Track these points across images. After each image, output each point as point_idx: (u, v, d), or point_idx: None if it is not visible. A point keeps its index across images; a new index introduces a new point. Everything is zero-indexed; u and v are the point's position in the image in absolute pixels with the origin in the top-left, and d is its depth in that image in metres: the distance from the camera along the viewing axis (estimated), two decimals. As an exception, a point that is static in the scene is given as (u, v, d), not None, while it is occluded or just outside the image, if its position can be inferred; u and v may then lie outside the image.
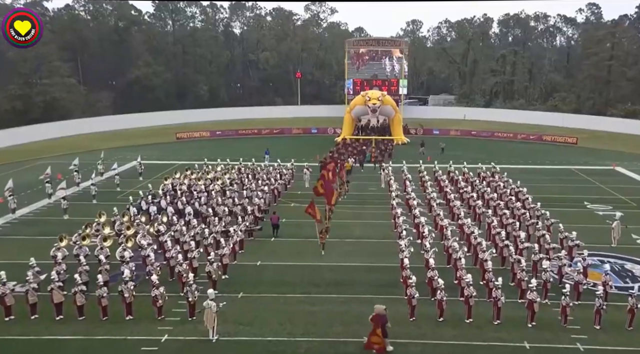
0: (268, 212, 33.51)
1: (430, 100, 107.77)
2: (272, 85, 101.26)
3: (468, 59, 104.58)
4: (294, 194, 39.95)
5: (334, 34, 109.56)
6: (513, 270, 24.31)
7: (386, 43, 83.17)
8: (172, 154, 57.01)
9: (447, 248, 26.52)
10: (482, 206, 33.12)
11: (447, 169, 43.97)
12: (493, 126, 76.79)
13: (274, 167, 43.22)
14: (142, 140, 65.86)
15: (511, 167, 48.15)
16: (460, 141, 67.48)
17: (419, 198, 35.61)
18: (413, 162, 50.57)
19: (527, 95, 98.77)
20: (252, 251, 28.53)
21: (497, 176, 40.53)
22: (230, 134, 69.41)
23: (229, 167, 42.88)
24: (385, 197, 37.61)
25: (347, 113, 65.57)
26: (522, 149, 61.79)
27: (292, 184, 43.05)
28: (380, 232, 31.83)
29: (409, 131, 71.34)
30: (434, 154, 55.49)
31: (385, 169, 43.10)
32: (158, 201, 33.27)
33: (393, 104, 64.30)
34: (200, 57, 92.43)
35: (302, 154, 56.65)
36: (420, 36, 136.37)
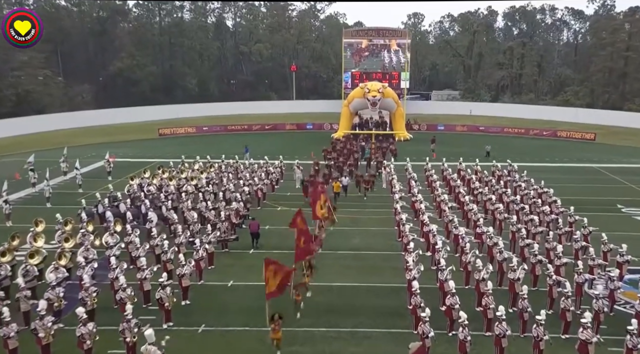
0: (247, 218, 28.28)
1: (433, 95, 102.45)
2: (266, 79, 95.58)
3: (473, 52, 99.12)
4: (281, 196, 34.71)
5: (331, 25, 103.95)
6: (551, 294, 19.09)
7: (386, 33, 77.80)
8: (151, 151, 51.76)
9: (465, 265, 21.26)
10: (503, 210, 27.78)
11: (457, 167, 38.63)
12: (501, 122, 71.54)
13: (259, 165, 37.84)
14: (122, 136, 60.62)
15: (526, 165, 42.94)
16: (468, 137, 62.23)
17: (427, 201, 30.41)
18: (417, 160, 45.59)
19: (536, 89, 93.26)
20: (224, 268, 23.29)
21: (517, 175, 35.11)
22: (218, 130, 64.11)
23: (208, 165, 37.49)
24: (388, 200, 32.33)
25: (345, 107, 60.25)
26: (536, 146, 56.56)
27: (280, 185, 37.83)
28: (382, 242, 26.64)
29: (411, 127, 66.16)
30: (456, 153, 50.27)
31: (386, 168, 37.77)
32: (117, 204, 27.98)
33: (395, 97, 58.94)
34: (189, 49, 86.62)
35: (295, 151, 51.43)
36: (422, 30, 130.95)
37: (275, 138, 60.66)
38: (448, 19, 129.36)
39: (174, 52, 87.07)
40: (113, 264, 19.49)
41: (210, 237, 23.09)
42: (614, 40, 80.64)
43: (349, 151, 45.70)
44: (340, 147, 47.53)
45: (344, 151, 45.84)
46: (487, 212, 29.20)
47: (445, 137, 61.02)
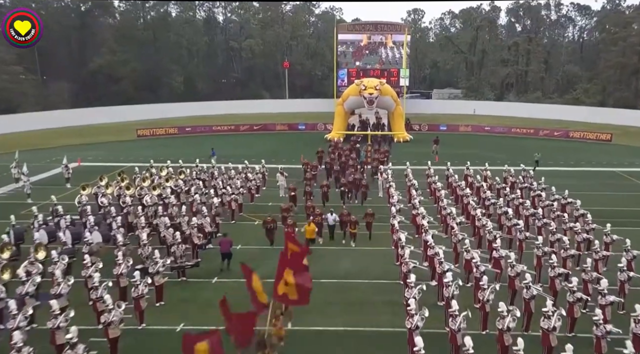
0: (214, 236, 23.55)
1: (434, 94, 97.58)
2: (258, 77, 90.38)
3: (476, 48, 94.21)
4: (261, 207, 29.88)
5: (327, 20, 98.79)
6: (599, 349, 14.34)
7: (384, 28, 73.09)
8: (125, 154, 46.98)
9: (483, 304, 16.46)
10: (524, 228, 22.91)
11: (464, 172, 33.85)
12: (507, 121, 66.75)
13: (237, 171, 32.98)
14: (98, 137, 55.87)
15: (539, 170, 38.33)
16: (473, 138, 57.52)
17: (430, 213, 25.69)
18: (418, 163, 41.01)
19: (543, 87, 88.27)
20: (176, 304, 18.54)
21: (535, 183, 30.22)
22: (202, 131, 59.29)
23: (178, 171, 32.59)
24: (384, 212, 27.52)
25: (339, 106, 55.42)
26: (548, 147, 51.68)
27: (262, 193, 33.07)
28: (377, 266, 21.91)
29: (411, 127, 61.40)
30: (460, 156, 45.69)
31: (383, 173, 32.95)
32: (57, 221, 23.16)
33: (393, 95, 54.05)
34: (174, 44, 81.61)
35: (284, 153, 47.16)
36: (422, 27, 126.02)
37: (264, 139, 55.91)
38: (449, 15, 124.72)
39: (159, 47, 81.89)
40: (12, 310, 14.64)
41: (158, 265, 18.29)
42: (626, 35, 75.85)
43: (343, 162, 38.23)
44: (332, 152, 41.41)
45: (337, 155, 40.14)
46: (502, 228, 24.44)
47: (448, 138, 56.18)
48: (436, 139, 48.54)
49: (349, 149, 42.21)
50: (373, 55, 73.76)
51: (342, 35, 74.02)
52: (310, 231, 23.47)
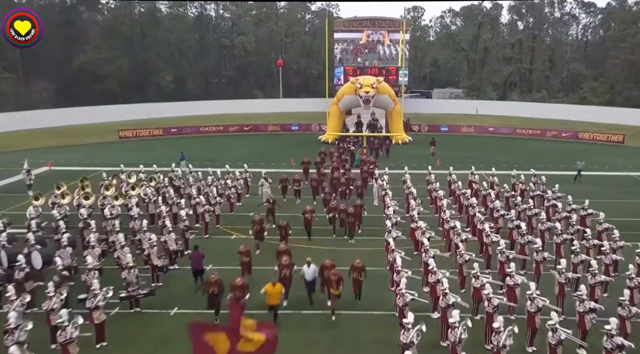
0: (179, 256, 20.25)
1: (434, 93, 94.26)
2: (251, 76, 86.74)
3: (478, 46, 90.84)
4: (242, 218, 26.52)
5: (323, 17, 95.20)
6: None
7: (382, 24, 69.90)
8: (101, 157, 43.62)
9: (498, 350, 13.12)
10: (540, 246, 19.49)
11: (468, 178, 30.55)
12: (511, 122, 63.49)
13: (216, 177, 29.65)
14: (77, 139, 52.57)
15: (549, 174, 35.00)
16: (475, 140, 54.20)
17: (432, 226, 22.49)
18: (418, 168, 37.86)
19: (548, 86, 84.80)
20: (124, 344, 15.21)
21: (549, 191, 26.74)
22: (188, 132, 55.97)
23: (147, 178, 29.19)
24: (378, 224, 24.22)
25: (334, 105, 52.11)
26: (556, 150, 48.49)
27: (244, 201, 29.74)
28: (368, 293, 18.50)
29: (411, 128, 58.11)
30: (463, 159, 42.37)
31: (378, 179, 29.61)
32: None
33: (391, 94, 50.67)
34: (163, 41, 78.05)
35: (274, 156, 44.01)
36: (422, 25, 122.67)
37: (254, 141, 52.65)
38: (449, 13, 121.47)
39: (147, 44, 78.35)
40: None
41: (98, 299, 14.95)
42: (635, 31, 72.52)
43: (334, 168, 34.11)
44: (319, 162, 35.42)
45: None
46: (514, 244, 21.12)
47: (449, 140, 53.04)
48: (432, 140, 45.39)
49: (340, 153, 38.82)
50: (371, 54, 70.70)
51: (341, 34, 71.02)
52: (275, 294, 16.10)
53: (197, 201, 24.63)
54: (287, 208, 27.12)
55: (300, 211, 24.45)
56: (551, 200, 25.26)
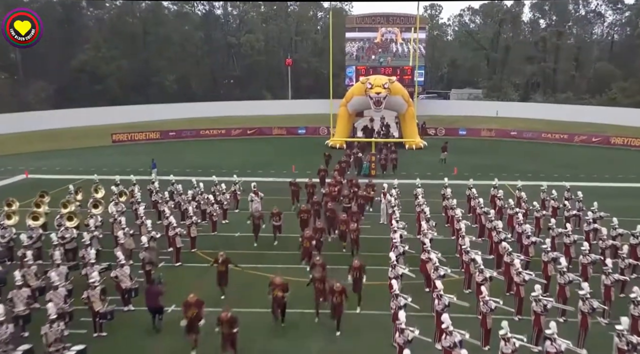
0: (133, 295, 16.48)
1: (452, 94, 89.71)
2: (259, 76, 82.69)
3: (499, 44, 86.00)
4: (226, 240, 22.82)
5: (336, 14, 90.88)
6: None
7: (397, 20, 65.91)
8: (86, 163, 40.22)
9: None
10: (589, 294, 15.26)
11: (490, 192, 26.42)
12: (534, 125, 59.02)
13: (199, 191, 25.83)
14: (69, 143, 49.31)
15: (581, 186, 30.77)
16: (497, 145, 49.91)
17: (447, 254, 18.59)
18: (432, 177, 34.00)
19: (574, 87, 79.65)
20: None
21: (590, 213, 22.03)
22: (187, 136, 52.45)
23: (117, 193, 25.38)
24: (384, 248, 20.18)
25: (342, 107, 48.20)
26: (587, 156, 44.01)
27: (231, 218, 25.92)
28: (368, 344, 14.61)
29: (426, 131, 54.01)
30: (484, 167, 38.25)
31: (387, 194, 25.56)
32: None
33: (405, 95, 46.42)
34: (166, 39, 74.47)
35: (275, 163, 40.19)
36: (440, 23, 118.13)
37: (256, 146, 49.03)
38: (468, 11, 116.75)
39: (149, 43, 74.87)
40: None
41: None
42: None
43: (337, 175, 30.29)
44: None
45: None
46: (549, 282, 17.05)
47: (468, 145, 48.97)
48: (444, 145, 41.35)
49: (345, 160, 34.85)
50: (385, 53, 66.82)
51: (353, 33, 67.25)
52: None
53: (169, 222, 20.81)
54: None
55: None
56: (591, 223, 21.01)
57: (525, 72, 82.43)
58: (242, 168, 37.78)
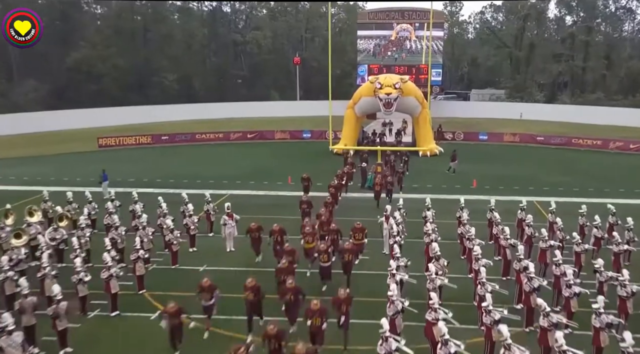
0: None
1: (472, 95, 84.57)
2: (266, 75, 78.12)
3: (523, 41, 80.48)
4: (187, 277, 18.36)
5: (348, 10, 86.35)
6: None
7: (413, 15, 61.02)
8: (62, 172, 36.30)
9: None
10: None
11: (517, 215, 21.69)
12: (562, 128, 53.89)
13: (161, 213, 21.46)
14: (50, 148, 45.38)
15: (622, 203, 25.94)
16: (521, 151, 44.88)
17: (461, 300, 14.17)
18: (447, 191, 29.55)
19: (604, 87, 73.85)
20: None
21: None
22: (181, 140, 48.31)
23: (60, 215, 21.12)
24: (381, 290, 15.51)
25: (349, 109, 43.63)
26: (625, 166, 38.76)
27: (200, 247, 21.51)
28: None
29: (443, 136, 49.25)
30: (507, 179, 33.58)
31: (389, 218, 20.85)
32: None
33: (418, 95, 41.47)
34: (166, 36, 70.32)
35: (271, 173, 35.91)
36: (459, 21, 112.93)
37: (255, 151, 44.71)
38: (490, 9, 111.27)
39: (149, 40, 70.75)
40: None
41: None
42: None
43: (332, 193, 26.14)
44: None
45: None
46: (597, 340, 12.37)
47: (489, 151, 44.18)
48: (453, 153, 36.64)
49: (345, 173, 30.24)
50: (399, 50, 62.04)
51: (365, 31, 62.59)
52: None
53: (109, 261, 16.33)
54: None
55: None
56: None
57: (552, 71, 76.89)
58: (232, 179, 33.64)
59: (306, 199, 23.61)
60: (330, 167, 33.63)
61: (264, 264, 18.75)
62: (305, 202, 23.37)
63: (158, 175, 34.60)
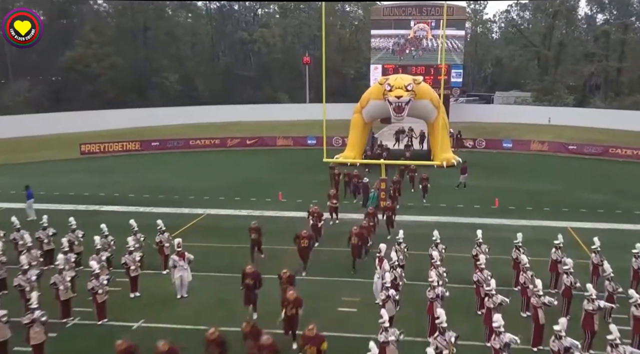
0: None
1: (495, 98, 79.10)
2: (275, 76, 73.48)
3: (552, 40, 74.71)
4: (112, 335, 13.88)
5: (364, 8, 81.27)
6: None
7: (432, 11, 56.12)
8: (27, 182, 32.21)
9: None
10: None
11: (550, 256, 16.89)
12: (596, 135, 48.53)
13: (104, 244, 17.22)
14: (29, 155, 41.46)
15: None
16: (551, 162, 39.81)
17: None
18: (463, 213, 25.07)
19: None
20: None
21: None
22: (172, 147, 44.22)
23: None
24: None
25: (356, 114, 38.93)
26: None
27: (142, 290, 17.11)
28: None
29: (463, 143, 44.41)
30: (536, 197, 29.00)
31: (383, 259, 16.13)
32: None
33: (433, 98, 36.34)
34: (168, 34, 66.10)
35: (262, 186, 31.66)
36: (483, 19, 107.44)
37: (252, 160, 40.49)
38: (516, 7, 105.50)
39: (150, 38, 66.61)
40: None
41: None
42: None
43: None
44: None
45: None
46: None
47: (513, 162, 39.27)
48: (464, 166, 31.88)
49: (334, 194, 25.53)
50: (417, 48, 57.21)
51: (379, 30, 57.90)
52: None
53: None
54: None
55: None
56: None
57: (583, 72, 71.11)
58: (215, 193, 29.32)
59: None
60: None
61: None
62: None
63: (132, 189, 30.46)
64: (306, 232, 18.49)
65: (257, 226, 19.12)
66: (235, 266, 16.91)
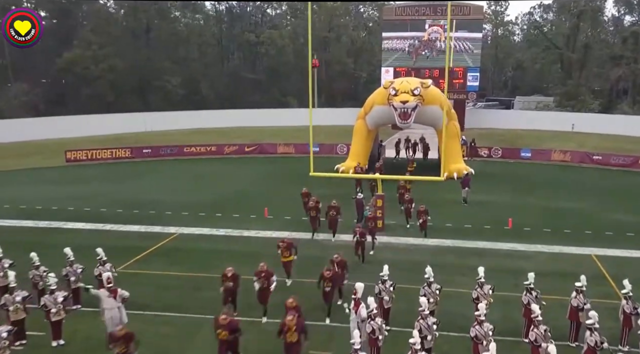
0: None
1: (516, 102, 75.31)
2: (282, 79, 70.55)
3: (576, 42, 70.76)
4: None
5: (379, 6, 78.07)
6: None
7: (446, 10, 52.74)
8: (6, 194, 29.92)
9: None
10: None
11: (569, 301, 13.65)
12: (623, 144, 44.75)
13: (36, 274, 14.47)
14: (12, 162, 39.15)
15: None
16: (574, 174, 36.35)
17: None
18: (472, 236, 22.08)
19: (673, 95, 63.86)
20: None
21: None
22: (165, 154, 41.64)
23: None
24: None
25: (359, 120, 35.82)
26: None
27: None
28: None
29: (477, 152, 41.06)
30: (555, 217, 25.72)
31: (360, 302, 13.08)
32: None
33: (444, 104, 32.79)
34: (172, 35, 63.79)
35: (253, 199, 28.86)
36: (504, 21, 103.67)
37: (247, 169, 37.77)
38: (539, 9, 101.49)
39: (152, 39, 64.21)
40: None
41: None
42: None
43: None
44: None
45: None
46: None
47: (532, 173, 35.90)
48: (466, 178, 28.56)
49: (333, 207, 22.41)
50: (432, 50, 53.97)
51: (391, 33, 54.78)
52: None
53: None
54: None
55: None
56: None
57: (609, 75, 67.11)
58: (196, 209, 26.46)
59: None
60: (331, 192, 26.21)
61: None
62: None
63: (107, 202, 27.77)
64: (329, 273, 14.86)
65: (234, 274, 14.62)
66: (194, 306, 13.88)
